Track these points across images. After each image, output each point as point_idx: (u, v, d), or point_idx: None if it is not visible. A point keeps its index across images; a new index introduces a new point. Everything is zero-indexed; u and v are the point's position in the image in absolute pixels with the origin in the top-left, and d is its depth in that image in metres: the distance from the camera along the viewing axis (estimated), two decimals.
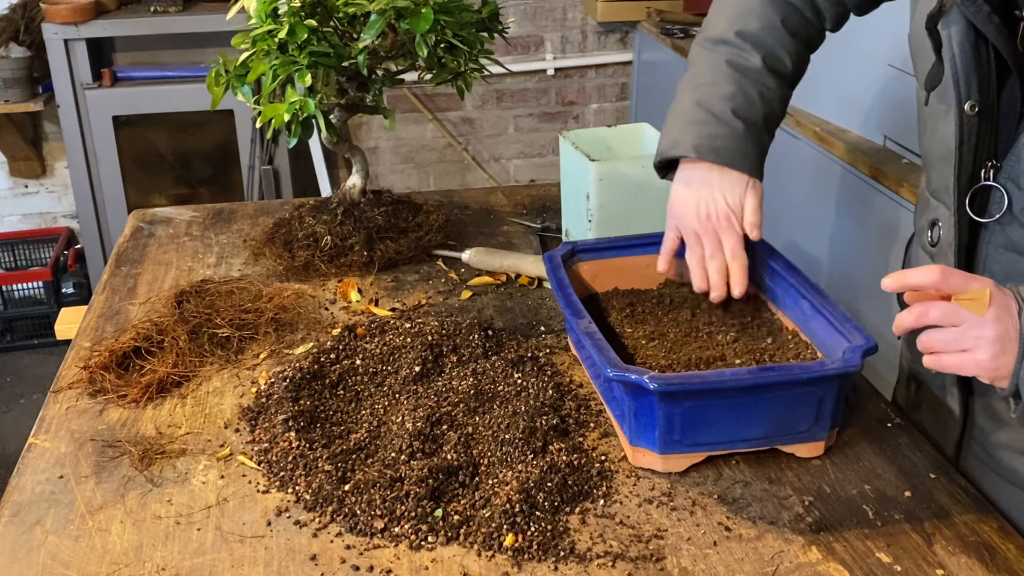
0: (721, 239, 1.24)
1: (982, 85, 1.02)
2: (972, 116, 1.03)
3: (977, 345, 0.92)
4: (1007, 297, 0.93)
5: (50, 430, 1.18)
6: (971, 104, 1.02)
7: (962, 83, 1.02)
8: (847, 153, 2.22)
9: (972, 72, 1.02)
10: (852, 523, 1.01)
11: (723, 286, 1.23)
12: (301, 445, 1.11)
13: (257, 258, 1.60)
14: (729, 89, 1.25)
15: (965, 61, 1.02)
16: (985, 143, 1.04)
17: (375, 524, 1.00)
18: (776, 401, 1.06)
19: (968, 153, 1.05)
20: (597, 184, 1.44)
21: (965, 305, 0.93)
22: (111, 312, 1.45)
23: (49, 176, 3.76)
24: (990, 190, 1.04)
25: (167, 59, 3.51)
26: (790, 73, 1.29)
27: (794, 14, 1.28)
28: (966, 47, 1.02)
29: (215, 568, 0.96)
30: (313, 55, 1.35)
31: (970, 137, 1.04)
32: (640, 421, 1.06)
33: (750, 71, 1.26)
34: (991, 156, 1.04)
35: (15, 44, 3.29)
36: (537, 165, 4.06)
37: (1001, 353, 0.92)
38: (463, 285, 1.53)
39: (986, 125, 1.04)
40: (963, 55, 1.02)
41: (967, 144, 1.05)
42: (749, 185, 1.24)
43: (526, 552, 0.97)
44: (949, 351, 0.94)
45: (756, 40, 1.26)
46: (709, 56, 1.29)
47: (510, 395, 1.18)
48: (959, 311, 0.93)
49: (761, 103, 1.25)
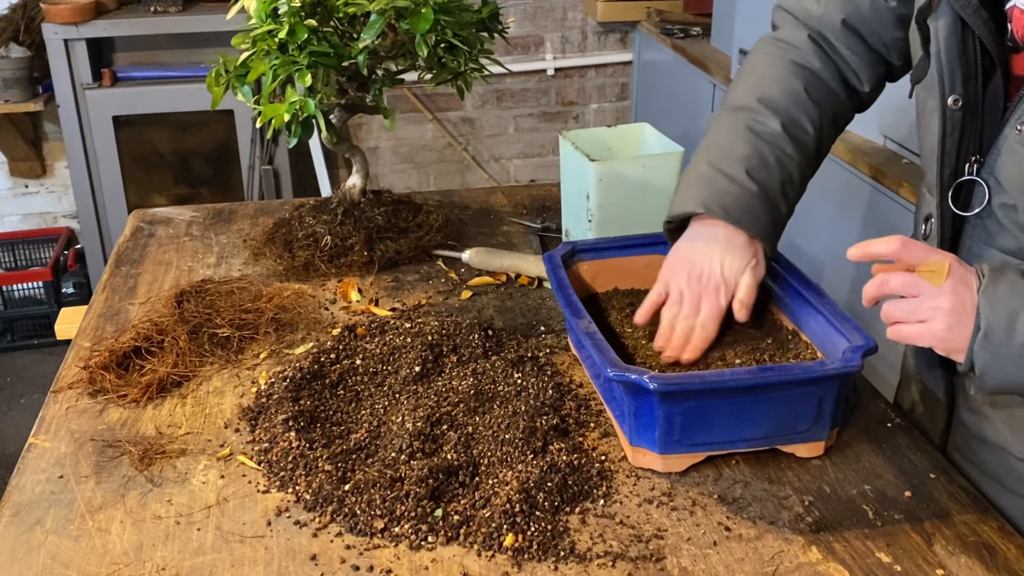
0: (701, 305, 1.19)
1: (967, 80, 1.03)
2: (956, 110, 1.04)
3: (933, 316, 0.94)
4: (968, 272, 0.95)
5: (50, 430, 1.18)
6: (955, 98, 1.03)
7: (946, 77, 1.03)
8: (847, 153, 2.22)
9: (957, 66, 1.03)
10: (852, 523, 1.01)
11: (680, 349, 1.18)
12: (301, 445, 1.11)
13: (257, 258, 1.60)
14: (745, 151, 1.20)
15: (950, 55, 1.03)
16: (969, 138, 1.05)
17: (375, 524, 1.00)
18: (776, 401, 1.06)
19: (952, 147, 1.06)
20: (597, 184, 1.44)
21: (925, 276, 0.95)
22: (111, 312, 1.45)
23: (49, 176, 3.76)
24: (973, 185, 1.05)
25: (167, 59, 3.51)
26: (812, 143, 1.23)
27: (819, 83, 1.24)
28: (952, 41, 1.02)
29: (215, 568, 0.96)
30: (313, 55, 1.35)
31: (953, 131, 1.05)
32: (640, 421, 1.06)
33: (768, 135, 1.20)
34: (976, 151, 1.05)
35: (15, 44, 3.29)
36: (537, 165, 4.06)
37: (956, 325, 0.93)
38: (463, 285, 1.53)
39: (971, 120, 1.04)
40: (948, 49, 1.03)
41: (951, 138, 1.05)
42: (753, 259, 1.19)
43: (526, 552, 0.97)
44: (908, 321, 0.96)
45: (776, 106, 1.22)
46: (727, 120, 1.24)
47: (510, 395, 1.18)
48: (919, 282, 0.95)
49: (778, 168, 1.20)
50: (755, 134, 1.21)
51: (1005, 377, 0.94)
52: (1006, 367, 0.93)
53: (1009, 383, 0.94)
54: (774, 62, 1.26)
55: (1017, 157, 1.00)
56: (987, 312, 0.92)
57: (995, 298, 0.93)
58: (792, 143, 1.21)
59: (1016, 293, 0.92)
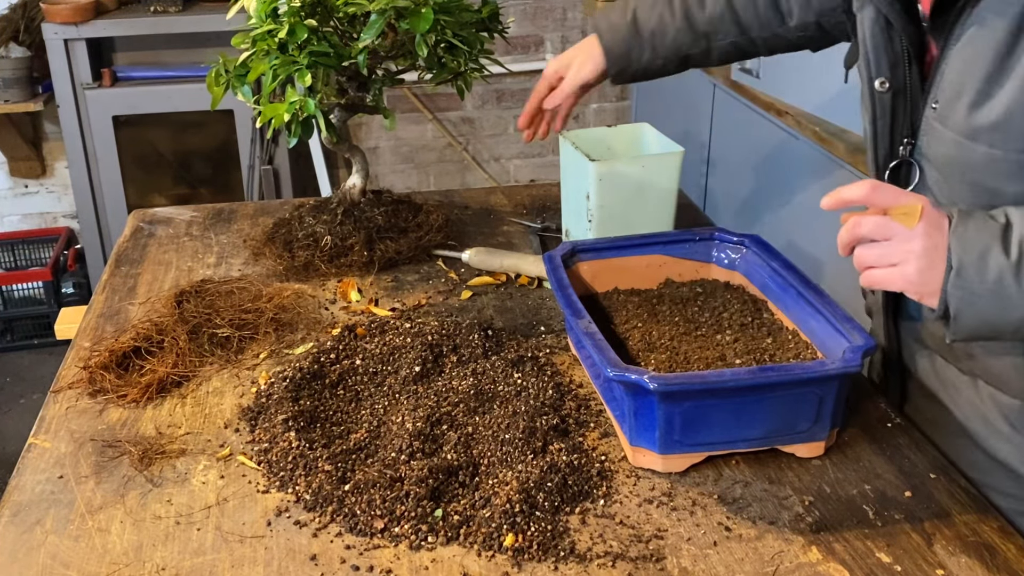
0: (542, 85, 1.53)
1: (893, 65, 1.08)
2: (884, 93, 1.09)
3: (905, 259, 0.93)
4: (941, 214, 0.94)
5: (50, 430, 1.18)
6: (881, 81, 1.09)
7: (872, 62, 1.09)
8: (847, 153, 2.22)
9: (882, 52, 1.08)
10: (852, 523, 1.01)
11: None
12: (301, 445, 1.11)
13: (257, 258, 1.60)
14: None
15: (875, 41, 1.09)
16: (902, 121, 1.10)
17: (375, 524, 1.00)
18: (776, 401, 1.06)
19: (884, 130, 1.11)
20: (597, 184, 1.44)
21: (898, 219, 0.93)
22: (111, 312, 1.45)
23: (49, 176, 3.76)
24: (910, 166, 1.09)
25: (167, 59, 3.51)
26: (700, 23, 1.43)
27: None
28: (876, 28, 1.09)
29: (215, 568, 0.96)
30: (313, 55, 1.35)
31: (884, 114, 1.10)
32: (640, 421, 1.06)
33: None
34: (908, 134, 1.09)
35: (15, 44, 3.29)
36: (537, 165, 4.06)
37: (928, 268, 0.93)
38: (463, 285, 1.53)
39: (901, 103, 1.09)
40: (873, 36, 1.09)
41: (881, 121, 1.10)
42: (588, 57, 1.47)
43: (526, 552, 0.97)
44: (879, 266, 0.96)
45: None
46: None
47: (510, 395, 1.18)
48: (890, 224, 0.94)
49: (658, 19, 1.44)
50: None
51: (979, 317, 0.93)
52: (980, 306, 0.92)
53: (984, 324, 0.93)
54: None
55: (936, 134, 1.03)
56: (958, 250, 0.92)
57: (965, 236, 0.92)
58: (683, 10, 1.44)
59: (985, 230, 0.92)
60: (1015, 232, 0.91)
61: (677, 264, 1.36)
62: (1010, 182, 0.98)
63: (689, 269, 1.36)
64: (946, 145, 1.03)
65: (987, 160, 0.98)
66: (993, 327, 0.94)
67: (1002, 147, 0.97)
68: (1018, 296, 0.91)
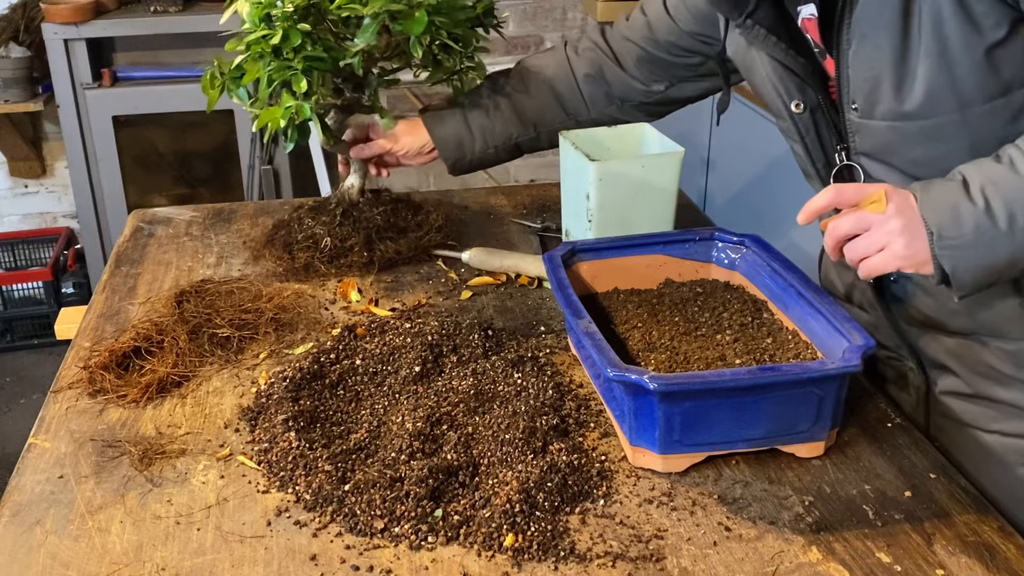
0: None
1: (800, 87, 1.17)
2: (802, 114, 1.18)
3: (889, 240, 1.00)
4: (905, 193, 1.01)
5: (50, 430, 1.18)
6: (795, 103, 1.18)
7: (782, 91, 1.20)
8: None
9: (788, 80, 1.18)
10: (852, 523, 1.01)
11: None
12: (301, 445, 1.11)
13: (257, 260, 1.60)
14: (482, 90, 1.60)
15: (777, 74, 1.19)
16: (826, 132, 1.18)
17: (375, 524, 1.00)
18: (776, 401, 1.06)
19: (814, 144, 1.19)
20: (597, 184, 1.44)
21: (869, 209, 1.01)
22: (111, 312, 1.45)
23: (49, 176, 3.76)
24: (850, 168, 1.17)
25: (167, 59, 3.51)
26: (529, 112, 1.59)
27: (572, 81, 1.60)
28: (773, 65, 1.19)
29: (215, 568, 0.96)
30: (308, 59, 1.35)
31: (808, 131, 1.19)
32: (640, 421, 1.06)
33: (502, 89, 1.60)
34: (839, 141, 1.17)
35: (15, 44, 3.28)
36: (537, 165, 4.06)
37: (912, 240, 0.99)
38: (463, 285, 1.53)
39: (821, 117, 1.17)
40: (774, 71, 1.20)
41: (809, 137, 1.19)
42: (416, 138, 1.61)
43: (526, 552, 0.97)
44: (870, 254, 1.02)
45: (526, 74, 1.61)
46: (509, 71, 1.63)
47: (510, 395, 1.18)
48: (865, 216, 1.01)
49: (484, 112, 1.59)
50: (495, 84, 1.61)
51: (975, 266, 0.99)
52: (971, 257, 0.98)
53: (981, 270, 0.99)
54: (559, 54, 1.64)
55: (867, 130, 1.12)
56: (932, 217, 0.99)
57: (932, 203, 0.99)
58: (510, 104, 1.58)
59: (947, 191, 1.00)
60: (973, 182, 0.98)
61: (677, 264, 1.36)
62: (950, 142, 1.06)
63: (689, 269, 1.36)
64: (880, 134, 1.10)
65: (924, 131, 1.07)
66: (990, 270, 0.99)
67: (935, 115, 1.05)
68: (999, 235, 0.97)
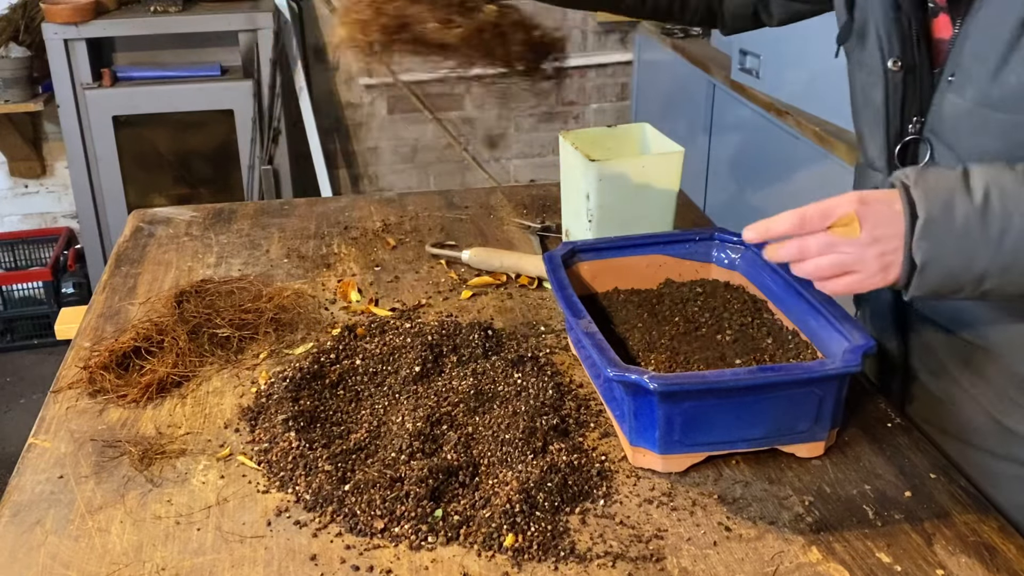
0: None
1: (904, 45, 1.10)
2: (896, 72, 1.10)
3: (863, 268, 0.95)
4: (878, 206, 0.95)
5: (50, 430, 1.18)
6: (894, 60, 1.10)
7: (884, 43, 1.10)
8: (847, 153, 2.23)
9: (894, 33, 1.09)
10: (852, 523, 1.01)
11: None
12: (301, 445, 1.11)
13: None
14: None
15: (887, 24, 1.10)
16: (911, 100, 1.11)
17: (375, 524, 1.00)
18: (776, 401, 1.06)
19: (895, 108, 1.12)
20: (597, 184, 1.44)
21: (839, 232, 0.94)
22: (111, 312, 1.45)
23: (49, 176, 3.76)
24: (917, 144, 1.11)
25: (167, 59, 3.51)
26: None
27: None
28: (887, 12, 1.09)
29: (215, 568, 0.96)
30: None
31: (895, 93, 1.12)
32: (640, 421, 1.06)
33: None
34: (918, 112, 1.11)
35: (15, 44, 3.29)
36: (537, 165, 4.06)
37: (888, 267, 0.95)
38: (463, 285, 1.53)
39: (912, 82, 1.11)
40: (885, 19, 1.10)
41: (893, 99, 1.12)
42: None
43: (526, 552, 0.97)
44: (838, 275, 0.97)
45: None
46: None
47: (510, 395, 1.18)
48: (835, 241, 0.95)
49: None
50: None
51: (948, 267, 0.93)
52: (946, 258, 0.93)
53: (948, 276, 0.94)
54: None
55: (951, 107, 1.05)
56: (924, 202, 0.93)
57: (928, 187, 0.93)
58: None
59: (945, 178, 0.94)
60: (975, 178, 0.93)
61: (677, 264, 1.36)
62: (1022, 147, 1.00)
63: (689, 269, 1.36)
64: (961, 117, 1.05)
65: (1003, 127, 1.01)
66: (956, 280, 0.94)
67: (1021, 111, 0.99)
68: (983, 244, 0.92)
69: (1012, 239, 0.91)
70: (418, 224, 1.76)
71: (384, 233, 1.73)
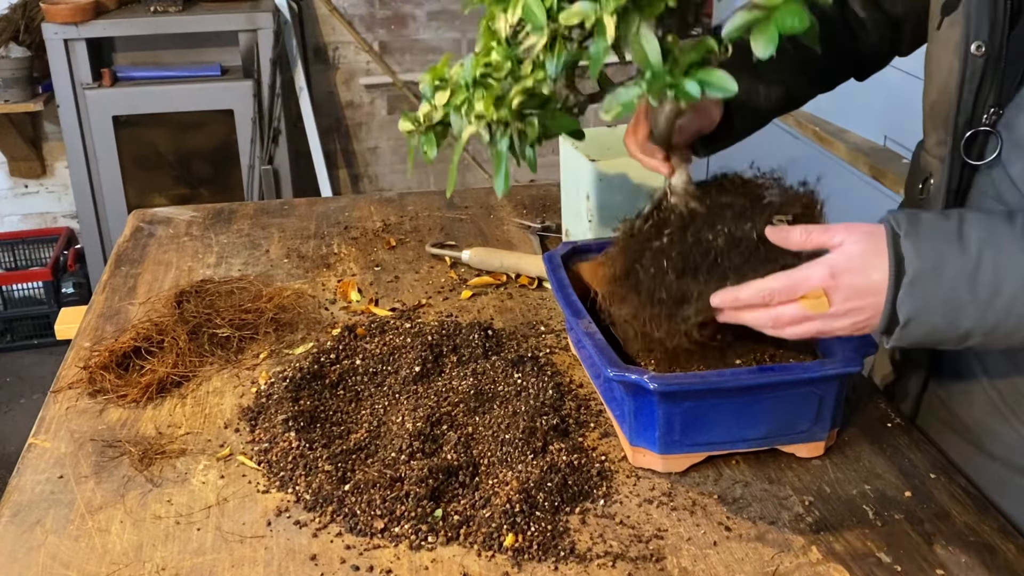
0: None
1: (992, 30, 1.04)
2: (978, 58, 1.04)
3: (834, 331, 0.95)
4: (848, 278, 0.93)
5: (50, 430, 1.18)
6: (977, 45, 1.04)
7: (973, 24, 1.04)
8: (847, 153, 2.23)
9: (984, 15, 1.03)
10: (852, 523, 1.01)
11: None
12: (301, 445, 1.11)
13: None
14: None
15: (979, 3, 1.03)
16: (988, 88, 1.05)
17: (375, 524, 1.00)
18: (776, 401, 1.06)
19: (969, 94, 1.06)
20: (597, 184, 1.44)
21: (807, 305, 0.94)
22: (111, 312, 1.45)
23: (49, 176, 3.76)
24: (987, 136, 1.06)
25: (167, 59, 3.51)
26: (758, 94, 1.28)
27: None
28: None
29: (215, 568, 0.96)
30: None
31: (973, 79, 1.05)
32: (640, 421, 1.06)
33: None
34: (995, 103, 1.05)
35: (15, 44, 3.29)
36: (537, 165, 4.06)
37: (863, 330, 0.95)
38: (463, 285, 1.53)
39: (991, 70, 1.05)
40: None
41: (969, 85, 1.06)
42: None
43: (526, 552, 0.97)
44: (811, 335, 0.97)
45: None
46: None
47: (510, 395, 1.18)
48: (808, 314, 0.94)
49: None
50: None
51: (929, 326, 0.92)
52: (931, 315, 0.91)
53: (931, 332, 0.92)
54: None
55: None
56: (913, 257, 0.91)
57: (918, 239, 0.91)
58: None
59: (938, 230, 0.91)
60: (970, 229, 0.90)
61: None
62: None
63: None
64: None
65: None
66: (939, 335, 0.93)
67: None
68: (971, 305, 0.90)
69: (1002, 301, 0.89)
70: (418, 224, 1.76)
71: (384, 233, 1.73)
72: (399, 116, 1.59)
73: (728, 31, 0.92)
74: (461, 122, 1.01)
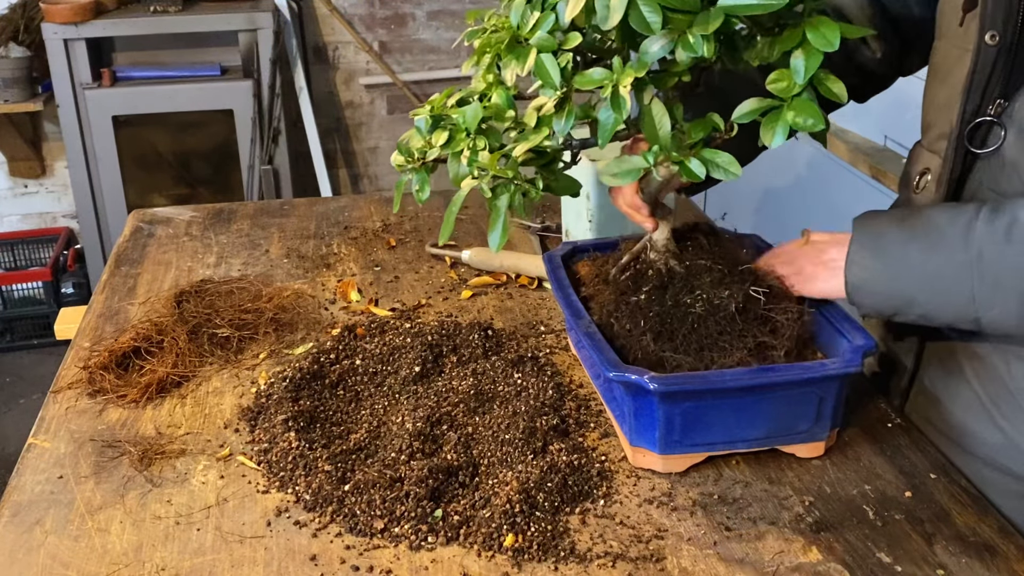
0: None
1: (1006, 19, 1.04)
2: (991, 47, 1.05)
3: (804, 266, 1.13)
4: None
5: (50, 430, 1.18)
6: (991, 34, 1.05)
7: (988, 13, 1.05)
8: (847, 153, 2.23)
9: (1000, 5, 1.04)
10: (852, 523, 1.01)
11: None
12: (301, 445, 1.11)
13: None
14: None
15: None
16: (998, 79, 1.06)
17: (375, 524, 1.00)
18: (776, 401, 1.06)
19: (978, 85, 1.07)
20: (597, 184, 1.44)
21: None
22: (111, 312, 1.45)
23: (49, 176, 3.76)
24: (990, 127, 1.07)
25: (167, 59, 3.51)
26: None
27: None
28: None
29: (215, 568, 0.96)
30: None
31: (984, 69, 1.06)
32: (640, 421, 1.06)
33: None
34: (1001, 94, 1.07)
35: (15, 44, 3.29)
36: None
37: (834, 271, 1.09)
38: (463, 285, 1.53)
39: (1002, 61, 1.06)
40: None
41: (979, 75, 1.07)
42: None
43: (526, 552, 0.97)
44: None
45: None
46: None
47: (510, 395, 1.18)
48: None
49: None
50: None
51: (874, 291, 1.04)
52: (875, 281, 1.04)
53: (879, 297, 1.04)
54: None
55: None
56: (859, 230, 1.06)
57: (867, 218, 1.06)
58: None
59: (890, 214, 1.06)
60: (920, 212, 1.02)
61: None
62: None
63: None
64: None
65: None
66: (889, 301, 1.04)
67: None
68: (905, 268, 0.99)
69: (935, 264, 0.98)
70: (418, 224, 1.76)
71: (384, 233, 1.73)
72: (399, 116, 1.59)
73: (738, 116, 0.95)
74: (459, 168, 1.01)
